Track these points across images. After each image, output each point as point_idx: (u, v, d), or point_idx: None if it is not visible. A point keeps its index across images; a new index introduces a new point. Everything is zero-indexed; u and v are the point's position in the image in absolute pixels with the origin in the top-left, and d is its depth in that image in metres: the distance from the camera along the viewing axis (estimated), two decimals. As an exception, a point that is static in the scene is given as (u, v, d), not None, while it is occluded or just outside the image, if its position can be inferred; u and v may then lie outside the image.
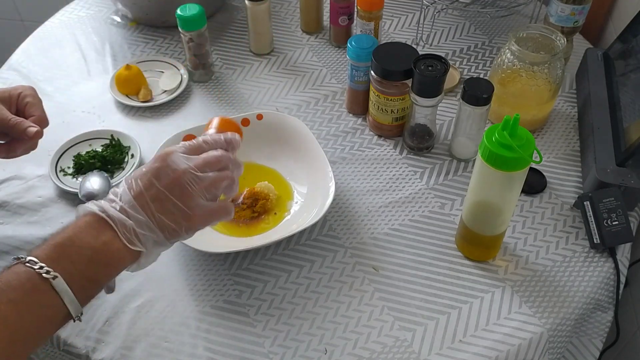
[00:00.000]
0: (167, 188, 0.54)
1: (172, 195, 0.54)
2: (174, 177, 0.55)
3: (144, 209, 0.53)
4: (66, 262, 0.49)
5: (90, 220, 0.52)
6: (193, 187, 0.55)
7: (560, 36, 0.85)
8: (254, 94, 1.01)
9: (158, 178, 0.54)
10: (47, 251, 0.50)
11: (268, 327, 0.71)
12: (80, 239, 0.51)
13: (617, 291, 0.77)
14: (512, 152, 0.62)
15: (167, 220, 0.54)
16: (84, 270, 0.50)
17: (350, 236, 0.80)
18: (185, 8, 0.95)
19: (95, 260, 0.51)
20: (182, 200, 0.55)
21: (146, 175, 0.55)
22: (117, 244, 0.52)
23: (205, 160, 0.57)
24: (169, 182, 0.54)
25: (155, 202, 0.54)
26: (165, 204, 0.54)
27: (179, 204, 0.54)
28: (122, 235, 0.52)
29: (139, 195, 0.54)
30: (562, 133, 0.94)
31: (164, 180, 0.54)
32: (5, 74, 1.05)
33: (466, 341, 0.70)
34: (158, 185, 0.54)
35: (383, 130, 0.92)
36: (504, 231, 0.75)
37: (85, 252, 0.51)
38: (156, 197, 0.54)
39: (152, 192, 0.54)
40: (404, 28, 1.14)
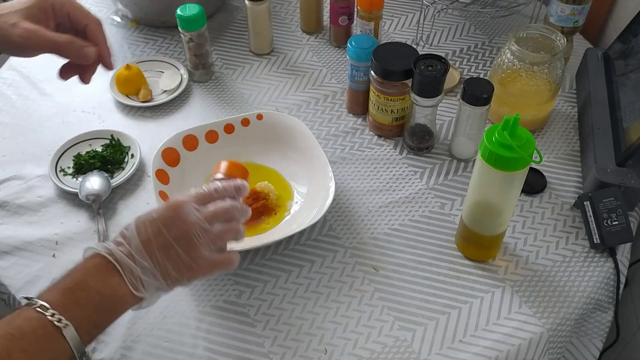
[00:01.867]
0: (174, 238, 0.55)
1: (179, 245, 0.55)
2: (183, 228, 0.55)
3: (151, 257, 0.54)
4: (76, 309, 0.50)
5: (99, 264, 0.53)
6: (200, 240, 0.56)
7: (560, 36, 0.85)
8: (254, 94, 1.01)
9: (167, 227, 0.55)
10: (58, 296, 0.50)
11: (268, 327, 0.71)
12: (89, 284, 0.51)
13: (617, 291, 0.77)
14: (512, 152, 0.62)
15: (171, 269, 0.55)
16: (92, 316, 0.51)
17: (350, 236, 0.80)
18: (185, 8, 0.95)
19: (102, 306, 0.52)
20: (188, 252, 0.55)
21: (156, 222, 0.55)
22: (124, 290, 0.53)
23: (215, 213, 0.58)
24: (177, 233, 0.55)
25: (161, 251, 0.54)
26: (170, 253, 0.55)
27: (184, 255, 0.55)
28: (128, 281, 0.53)
29: (147, 242, 0.54)
30: (562, 133, 0.94)
31: (172, 231, 0.55)
32: (5, 74, 1.05)
33: (466, 341, 0.70)
34: (166, 235, 0.55)
35: (383, 130, 0.92)
36: (504, 231, 0.75)
37: (94, 297, 0.51)
38: (163, 246, 0.54)
39: (160, 241, 0.54)
40: (404, 28, 1.14)
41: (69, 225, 0.81)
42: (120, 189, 0.85)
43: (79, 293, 0.51)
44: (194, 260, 0.55)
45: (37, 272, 0.76)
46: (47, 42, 0.58)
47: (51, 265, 0.77)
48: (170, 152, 0.83)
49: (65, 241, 0.79)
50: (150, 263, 0.54)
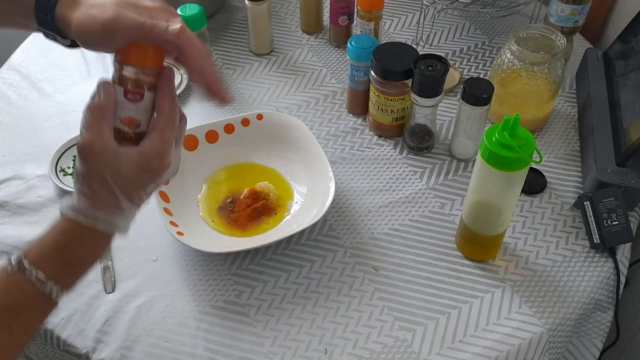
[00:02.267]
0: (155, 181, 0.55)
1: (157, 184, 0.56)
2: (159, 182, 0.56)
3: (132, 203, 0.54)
4: (71, 279, 0.52)
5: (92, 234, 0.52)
6: None
7: (560, 36, 0.85)
8: (254, 94, 1.01)
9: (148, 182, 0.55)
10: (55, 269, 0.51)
11: (268, 327, 0.71)
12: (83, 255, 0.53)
13: (617, 291, 0.77)
14: (512, 152, 0.62)
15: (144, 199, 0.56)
16: (81, 279, 0.54)
17: (350, 236, 0.80)
18: (185, 8, 0.95)
19: (92, 267, 0.54)
20: None
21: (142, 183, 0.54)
22: (105, 240, 0.54)
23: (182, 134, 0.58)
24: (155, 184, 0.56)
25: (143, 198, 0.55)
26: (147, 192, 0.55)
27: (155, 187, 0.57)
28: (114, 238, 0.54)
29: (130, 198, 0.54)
30: (562, 133, 0.94)
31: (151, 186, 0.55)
32: (5, 74, 1.05)
33: (466, 341, 0.70)
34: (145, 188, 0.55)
35: (383, 130, 0.92)
36: (504, 231, 0.75)
37: (87, 265, 0.53)
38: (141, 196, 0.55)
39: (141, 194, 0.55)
40: (404, 28, 1.14)
41: (69, 225, 0.81)
42: (120, 189, 0.85)
43: (76, 267, 0.53)
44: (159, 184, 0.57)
45: (37, 272, 0.76)
46: (134, 23, 0.54)
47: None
48: (170, 152, 0.83)
49: (65, 241, 0.79)
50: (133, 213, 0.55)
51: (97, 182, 0.52)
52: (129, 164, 0.52)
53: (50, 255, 0.51)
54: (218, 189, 0.84)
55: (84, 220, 0.52)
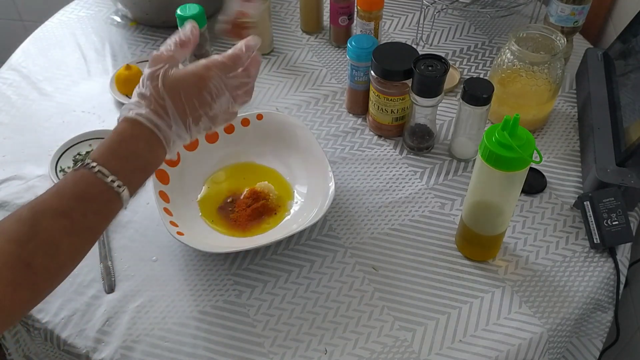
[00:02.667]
0: (203, 108, 0.60)
1: (206, 115, 0.61)
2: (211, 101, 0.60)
3: (185, 125, 0.59)
4: (130, 175, 0.56)
5: (148, 136, 0.58)
6: (222, 108, 0.62)
7: (560, 36, 0.85)
8: (254, 94, 1.00)
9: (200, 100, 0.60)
10: (115, 163, 0.55)
11: (268, 327, 0.71)
12: (141, 155, 0.57)
13: (617, 291, 0.77)
14: (512, 152, 0.62)
15: (197, 132, 0.61)
16: (140, 179, 0.58)
17: (350, 236, 0.80)
18: (185, 8, 0.95)
19: (148, 171, 0.59)
20: (212, 120, 0.62)
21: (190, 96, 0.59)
22: (163, 156, 0.60)
23: (239, 87, 0.64)
24: (207, 104, 0.60)
25: (193, 118, 0.60)
26: (198, 120, 0.60)
27: (208, 122, 0.62)
28: (168, 151, 0.60)
29: (182, 113, 0.59)
30: (562, 133, 0.94)
31: (204, 102, 0.60)
32: (5, 74, 1.05)
33: (466, 341, 0.70)
34: (198, 108, 0.60)
35: (383, 130, 0.92)
36: (504, 231, 0.75)
37: (143, 165, 0.58)
38: (194, 114, 0.60)
39: (193, 111, 0.60)
40: (404, 28, 1.14)
41: (69, 225, 0.81)
42: (120, 189, 0.85)
43: (132, 161, 0.57)
44: (214, 123, 0.62)
45: (37, 272, 0.76)
46: None
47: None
48: (170, 152, 0.83)
49: (65, 241, 0.79)
50: (184, 130, 0.60)
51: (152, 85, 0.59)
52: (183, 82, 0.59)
53: (107, 151, 0.56)
54: (218, 189, 0.84)
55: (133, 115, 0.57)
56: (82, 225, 0.53)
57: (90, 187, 0.54)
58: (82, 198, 0.53)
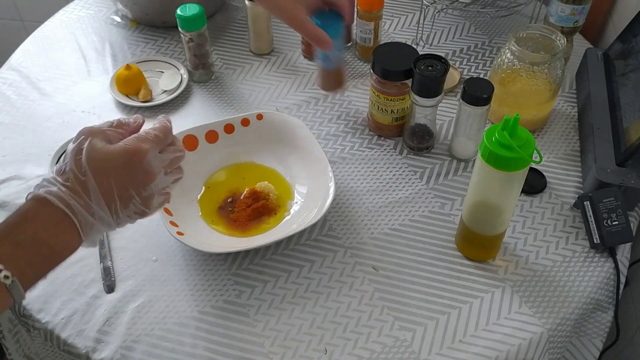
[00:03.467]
0: (136, 190, 0.53)
1: (138, 196, 0.54)
2: (145, 180, 0.54)
3: (109, 207, 0.52)
4: (24, 265, 0.48)
5: (54, 217, 0.50)
6: (156, 189, 0.56)
7: (560, 36, 0.85)
8: (254, 94, 1.01)
9: (130, 177, 0.53)
10: (7, 250, 0.48)
11: (268, 327, 0.71)
12: (42, 240, 0.49)
13: (617, 291, 0.77)
14: (512, 152, 0.62)
15: (125, 216, 0.54)
16: (39, 270, 0.50)
17: (350, 236, 0.80)
18: (185, 8, 0.95)
19: (52, 260, 0.50)
20: (145, 202, 0.55)
21: (119, 173, 0.52)
22: (76, 242, 0.51)
23: (172, 162, 0.58)
24: (139, 185, 0.54)
25: (121, 201, 0.53)
26: (129, 203, 0.53)
27: (140, 205, 0.54)
28: (83, 234, 0.51)
29: (108, 193, 0.52)
30: (562, 133, 0.94)
31: (135, 183, 0.53)
32: (5, 74, 1.05)
33: (466, 341, 0.70)
34: (129, 186, 0.53)
35: (383, 130, 0.92)
36: (504, 231, 0.75)
37: (45, 252, 0.49)
38: (123, 197, 0.53)
39: (122, 193, 0.52)
40: (404, 28, 1.14)
41: (69, 225, 0.81)
42: (120, 189, 0.85)
43: (31, 249, 0.48)
44: (147, 207, 0.55)
45: (37, 272, 0.76)
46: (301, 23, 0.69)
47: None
48: (170, 152, 0.83)
49: (65, 241, 0.79)
50: (108, 214, 0.52)
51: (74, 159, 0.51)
52: (112, 156, 0.52)
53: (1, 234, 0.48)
54: (218, 189, 0.84)
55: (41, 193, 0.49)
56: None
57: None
58: None
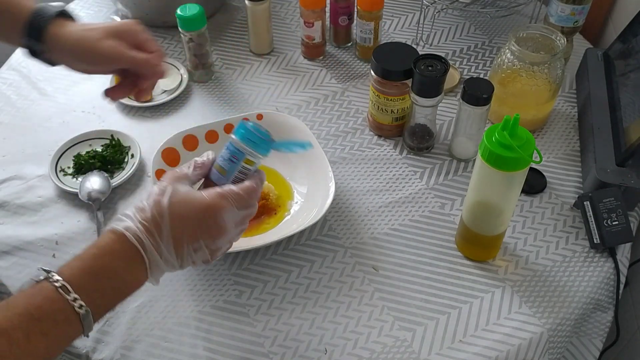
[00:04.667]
0: (206, 243, 0.55)
1: (207, 247, 0.56)
2: (217, 236, 0.56)
3: (177, 252, 0.54)
4: (97, 296, 0.50)
5: (128, 252, 0.52)
6: (225, 245, 0.59)
7: (560, 36, 0.85)
8: (254, 94, 1.01)
9: (202, 230, 0.55)
10: (81, 279, 0.49)
11: (268, 327, 0.71)
12: (115, 272, 0.51)
13: (617, 291, 0.77)
14: (512, 152, 0.62)
15: (191, 262, 0.56)
16: (109, 303, 0.52)
17: (350, 236, 0.80)
18: (185, 8, 0.95)
19: (122, 293, 0.52)
20: (212, 253, 0.57)
21: (192, 223, 0.54)
22: (143, 279, 0.54)
23: (244, 222, 0.59)
24: (210, 239, 0.55)
25: (190, 249, 0.55)
26: (198, 252, 0.56)
27: (207, 254, 0.57)
28: (150, 273, 0.53)
29: (178, 239, 0.54)
30: (562, 133, 0.94)
31: (206, 235, 0.55)
32: (5, 74, 1.05)
33: (466, 341, 0.70)
34: (199, 238, 0.55)
35: (383, 130, 0.92)
36: (504, 231, 0.75)
37: (116, 285, 0.51)
38: (194, 247, 0.55)
39: (193, 243, 0.55)
40: (404, 28, 1.14)
41: (69, 225, 0.81)
42: (120, 189, 0.85)
43: (103, 280, 0.50)
44: (213, 257, 0.57)
45: (37, 272, 0.76)
46: (129, 58, 0.66)
47: (51, 265, 0.76)
48: (170, 152, 0.83)
49: (65, 241, 0.79)
50: (176, 259, 0.54)
51: (155, 201, 0.54)
52: (191, 206, 0.54)
53: (77, 264, 0.50)
54: (218, 189, 0.84)
55: (120, 228, 0.52)
56: (23, 348, 0.45)
57: (46, 303, 0.47)
58: (30, 315, 0.46)
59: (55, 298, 0.47)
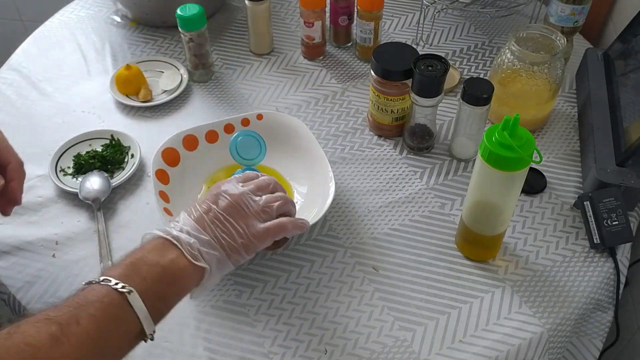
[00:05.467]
0: (225, 211, 0.59)
1: (230, 217, 0.59)
2: (231, 200, 0.60)
3: (205, 230, 0.58)
4: (138, 279, 0.52)
5: (156, 243, 0.56)
6: (249, 209, 0.61)
7: (560, 36, 0.85)
8: (254, 94, 1.01)
9: (216, 203, 0.60)
10: (119, 270, 0.52)
11: (268, 327, 0.71)
12: (148, 259, 0.54)
13: (617, 291, 0.77)
14: (512, 152, 0.62)
15: (227, 238, 0.58)
16: (155, 287, 0.53)
17: (350, 236, 0.80)
18: (185, 8, 0.95)
19: (164, 277, 0.54)
20: (239, 221, 0.60)
21: (204, 202, 0.60)
22: (183, 261, 0.55)
23: (257, 184, 0.64)
24: (227, 205, 0.60)
25: (214, 224, 0.58)
26: (224, 224, 0.59)
27: (235, 225, 0.59)
28: (187, 253, 0.55)
29: (200, 219, 0.58)
30: (562, 133, 0.94)
31: (221, 204, 0.60)
32: (5, 74, 1.05)
33: (466, 341, 0.70)
34: (216, 209, 0.59)
35: (383, 130, 0.92)
36: (504, 231, 0.75)
37: (154, 269, 0.53)
38: (215, 218, 0.59)
39: (211, 215, 0.59)
40: (404, 28, 1.14)
41: (69, 225, 0.81)
42: (120, 189, 0.85)
43: (140, 267, 0.53)
44: (247, 228, 0.60)
45: (37, 272, 0.76)
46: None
47: (51, 265, 0.77)
48: (170, 152, 0.83)
49: (65, 241, 0.79)
50: (207, 234, 0.57)
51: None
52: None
53: (119, 262, 0.53)
54: (218, 189, 0.84)
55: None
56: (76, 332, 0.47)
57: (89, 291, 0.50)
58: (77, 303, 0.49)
59: (97, 287, 0.50)
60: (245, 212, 0.60)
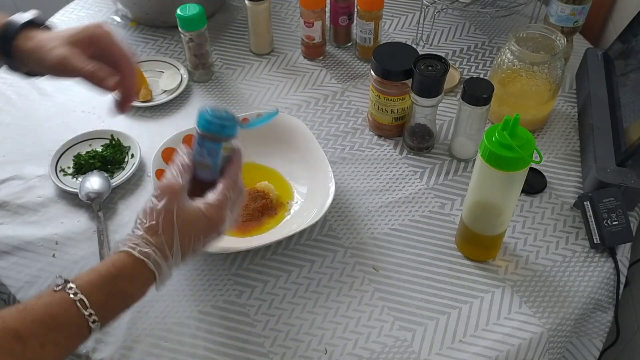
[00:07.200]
0: (205, 244, 0.60)
1: (205, 247, 0.60)
2: (216, 237, 0.60)
3: (183, 260, 0.58)
4: (110, 313, 0.53)
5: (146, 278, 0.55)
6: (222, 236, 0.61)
7: (560, 36, 0.85)
8: (254, 94, 1.01)
9: (207, 236, 0.59)
10: (99, 297, 0.51)
11: (268, 327, 0.71)
12: (130, 294, 0.54)
13: (617, 291, 0.77)
14: (512, 152, 0.62)
15: (192, 257, 0.60)
16: (116, 317, 0.54)
17: (350, 236, 0.80)
18: (185, 8, 0.95)
19: (127, 308, 0.55)
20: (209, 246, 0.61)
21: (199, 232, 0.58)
22: (150, 287, 0.56)
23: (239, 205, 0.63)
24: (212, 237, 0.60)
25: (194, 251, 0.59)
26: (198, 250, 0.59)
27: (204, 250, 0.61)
28: (158, 282, 0.56)
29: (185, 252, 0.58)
30: (562, 133, 0.94)
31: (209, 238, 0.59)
32: (5, 74, 1.04)
33: (466, 341, 0.70)
34: (203, 241, 0.59)
35: (383, 130, 0.92)
36: (504, 231, 0.75)
37: (127, 303, 0.55)
38: (197, 249, 0.59)
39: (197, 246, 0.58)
40: (404, 28, 1.14)
41: (69, 225, 0.81)
42: (120, 189, 0.85)
43: (118, 300, 0.53)
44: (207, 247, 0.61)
45: (37, 272, 0.76)
46: (74, 69, 0.63)
47: (51, 265, 0.77)
48: (170, 152, 0.83)
49: (65, 241, 0.79)
50: (180, 263, 0.58)
51: (164, 220, 0.56)
52: (196, 221, 0.58)
53: (97, 281, 0.52)
54: (218, 189, 0.84)
55: (138, 254, 0.54)
56: (37, 356, 0.47)
57: (63, 314, 0.49)
58: (47, 324, 0.48)
59: (72, 312, 0.50)
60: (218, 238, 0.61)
